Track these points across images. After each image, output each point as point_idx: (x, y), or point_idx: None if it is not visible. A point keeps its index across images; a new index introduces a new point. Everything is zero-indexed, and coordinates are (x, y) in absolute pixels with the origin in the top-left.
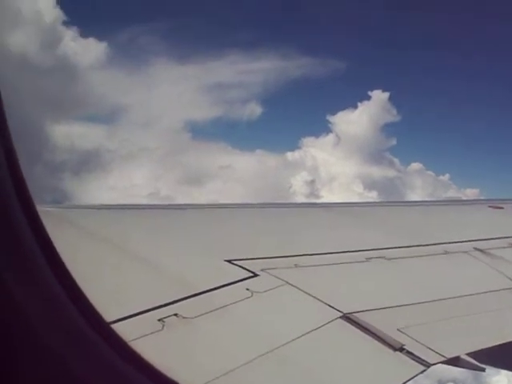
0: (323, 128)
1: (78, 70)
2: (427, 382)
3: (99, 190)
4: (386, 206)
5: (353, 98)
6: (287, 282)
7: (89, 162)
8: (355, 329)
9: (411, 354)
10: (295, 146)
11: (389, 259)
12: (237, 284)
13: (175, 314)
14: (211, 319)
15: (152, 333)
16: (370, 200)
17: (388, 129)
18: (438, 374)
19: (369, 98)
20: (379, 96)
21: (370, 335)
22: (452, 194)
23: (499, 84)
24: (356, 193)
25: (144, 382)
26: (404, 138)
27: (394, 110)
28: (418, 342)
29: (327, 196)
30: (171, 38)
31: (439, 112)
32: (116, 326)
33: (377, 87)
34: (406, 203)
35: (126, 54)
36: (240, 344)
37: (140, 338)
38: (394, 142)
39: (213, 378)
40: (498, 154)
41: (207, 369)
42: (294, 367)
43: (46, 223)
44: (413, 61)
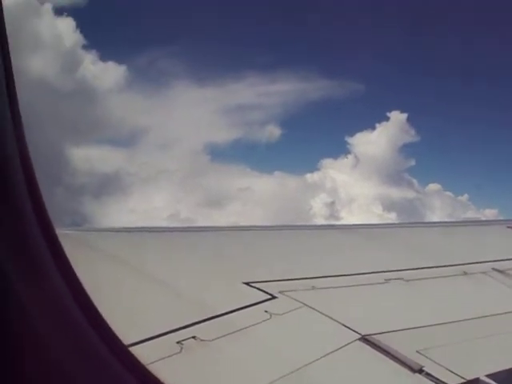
0: (342, 149)
1: (98, 93)
2: None
3: (119, 212)
4: (404, 227)
5: (371, 119)
6: (305, 304)
7: (108, 184)
8: (374, 350)
9: (430, 375)
10: (314, 168)
11: (407, 280)
12: (255, 306)
13: (193, 337)
14: (229, 342)
15: (170, 355)
16: (390, 221)
17: (407, 149)
18: None
19: (387, 118)
20: (397, 117)
21: (389, 357)
22: (471, 214)
23: None
24: (375, 214)
25: None
26: (423, 158)
27: (412, 131)
28: (437, 363)
29: (347, 217)
30: (190, 61)
31: (457, 132)
32: (134, 348)
33: (395, 108)
34: (425, 224)
35: (146, 76)
36: (258, 366)
37: (158, 360)
38: (412, 162)
39: None
40: None
41: None
42: None
43: (65, 246)
44: (431, 83)
